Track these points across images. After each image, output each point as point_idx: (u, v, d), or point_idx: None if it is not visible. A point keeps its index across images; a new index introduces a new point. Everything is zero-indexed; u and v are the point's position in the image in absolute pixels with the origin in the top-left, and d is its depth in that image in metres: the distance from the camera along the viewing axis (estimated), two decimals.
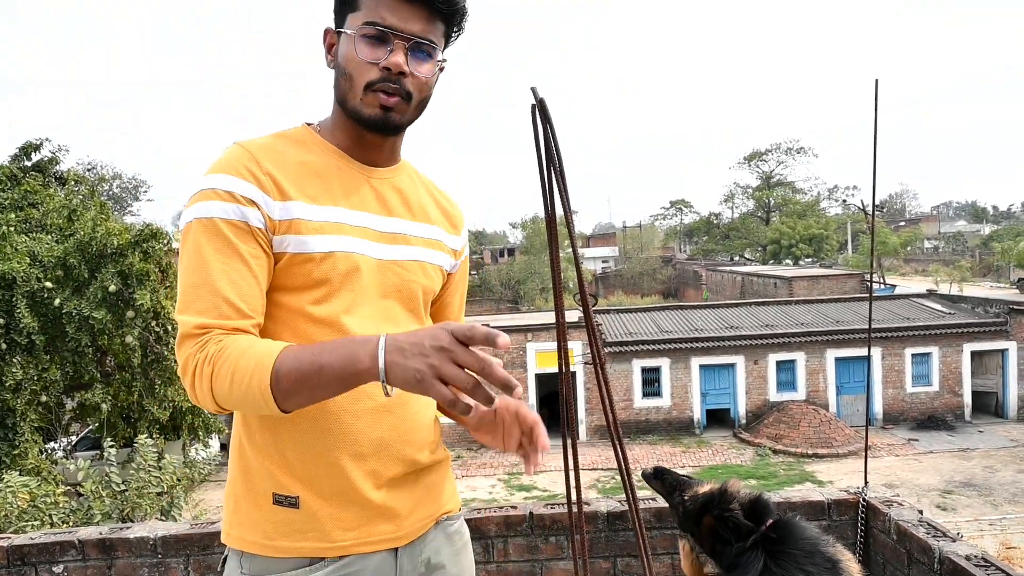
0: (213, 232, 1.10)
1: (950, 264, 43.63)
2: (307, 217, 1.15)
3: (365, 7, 1.15)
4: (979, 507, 14.21)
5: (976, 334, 19.80)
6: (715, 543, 1.81)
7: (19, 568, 2.54)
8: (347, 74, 1.17)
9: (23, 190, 10.90)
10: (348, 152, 1.25)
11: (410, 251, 1.27)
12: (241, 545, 1.19)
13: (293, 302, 1.16)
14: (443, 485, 1.35)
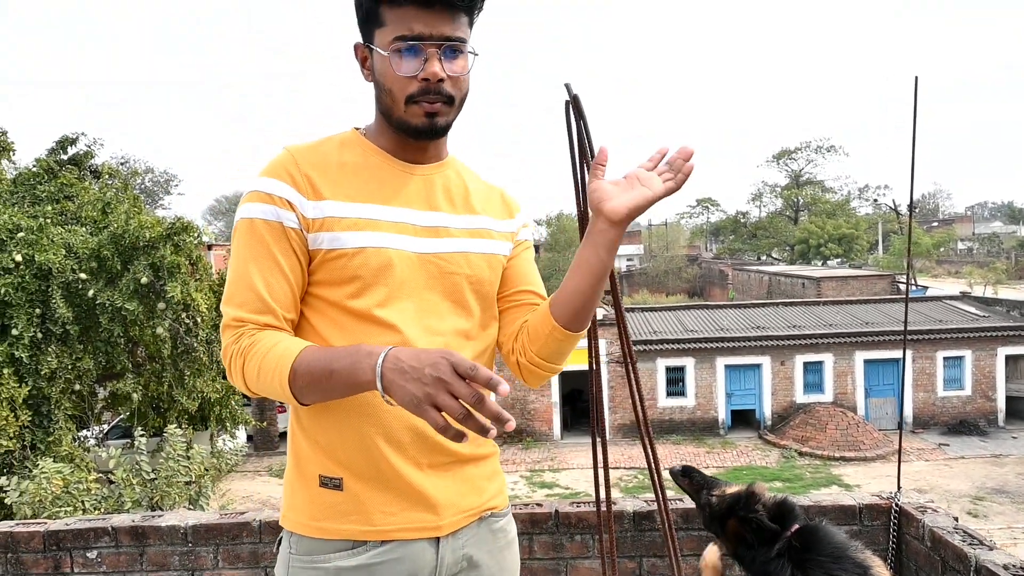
0: (251, 232, 1.20)
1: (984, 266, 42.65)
2: (340, 215, 1.21)
3: (391, 22, 1.18)
4: (1012, 514, 13.90)
5: (1011, 338, 19.34)
6: (739, 547, 1.79)
7: (55, 553, 2.60)
8: (387, 89, 1.21)
9: (59, 183, 11.12)
10: (391, 153, 1.29)
11: (453, 243, 1.29)
12: (291, 526, 1.26)
13: (331, 296, 1.22)
14: (488, 480, 1.35)
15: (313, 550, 1.23)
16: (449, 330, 1.27)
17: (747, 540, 1.76)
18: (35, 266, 9.21)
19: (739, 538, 1.78)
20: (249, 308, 1.18)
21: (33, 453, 8.95)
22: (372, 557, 1.21)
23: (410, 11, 1.16)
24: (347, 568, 1.21)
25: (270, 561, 2.56)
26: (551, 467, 17.39)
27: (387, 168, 1.28)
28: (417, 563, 1.24)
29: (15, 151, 11.98)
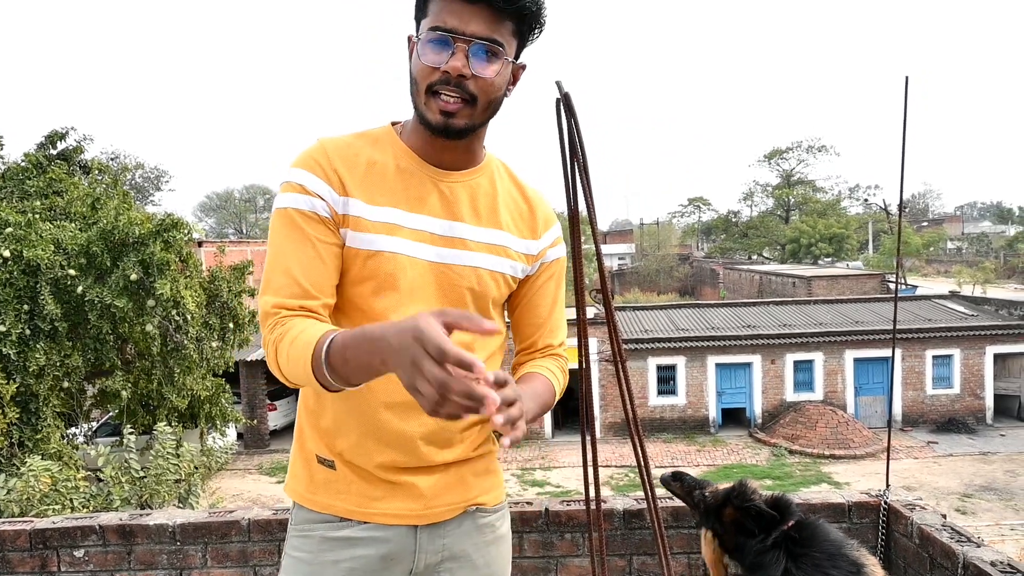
0: (287, 221, 1.22)
1: (974, 265, 42.97)
2: (362, 215, 1.24)
3: (432, 12, 1.18)
4: (999, 511, 14.02)
5: (999, 336, 19.49)
6: (737, 536, 1.79)
7: (41, 551, 2.58)
8: (413, 78, 1.22)
9: (48, 178, 11.04)
10: (421, 153, 1.29)
11: (466, 256, 1.29)
12: (291, 494, 1.36)
13: (350, 293, 1.26)
14: (477, 476, 1.38)
15: (308, 519, 1.33)
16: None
17: (744, 528, 1.75)
18: (23, 262, 9.14)
19: (737, 526, 1.77)
20: (284, 292, 1.19)
21: (21, 450, 8.89)
22: (353, 533, 1.30)
23: (451, 4, 1.16)
24: (330, 538, 1.30)
25: (259, 560, 2.55)
26: (542, 465, 17.41)
27: (415, 173, 1.28)
28: (395, 546, 1.30)
29: (3, 145, 11.88)
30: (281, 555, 1.39)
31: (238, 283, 11.51)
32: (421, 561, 1.32)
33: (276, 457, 18.45)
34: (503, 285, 1.35)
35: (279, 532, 2.54)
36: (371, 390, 1.23)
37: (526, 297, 1.42)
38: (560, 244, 1.46)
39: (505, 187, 1.37)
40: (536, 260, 1.40)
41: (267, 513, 2.59)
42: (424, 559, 1.32)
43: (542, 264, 1.42)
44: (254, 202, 64.59)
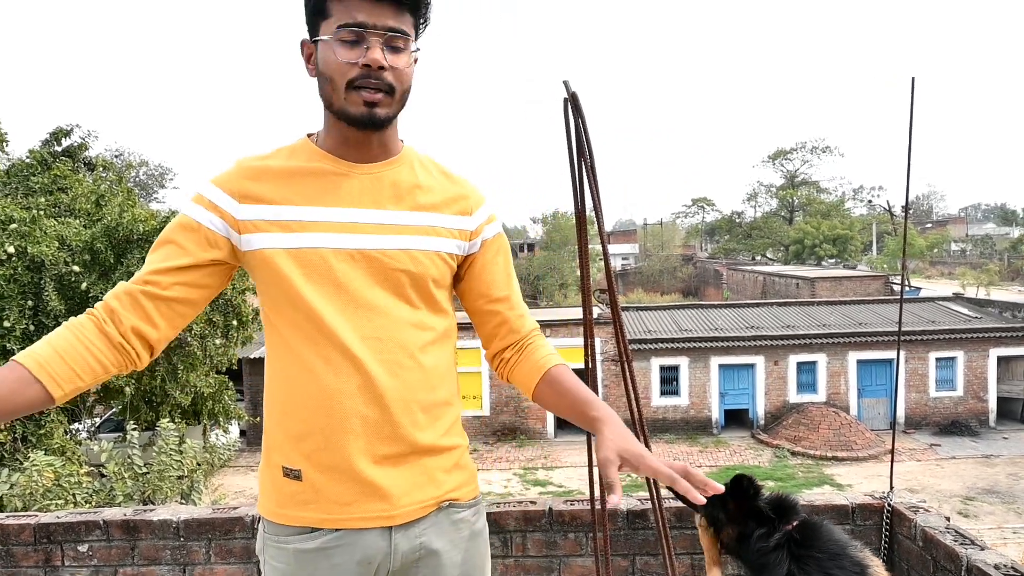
0: (174, 223, 1.30)
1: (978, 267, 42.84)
2: (274, 217, 1.27)
3: (336, 12, 1.22)
4: (1002, 514, 13.98)
5: (1003, 339, 19.43)
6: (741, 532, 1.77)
7: (45, 546, 2.58)
8: (329, 78, 1.24)
9: (53, 175, 11.06)
10: (338, 153, 1.32)
11: (396, 240, 1.32)
12: (262, 511, 1.37)
13: (277, 294, 1.29)
14: (448, 472, 1.38)
15: (279, 532, 1.34)
16: (396, 323, 1.31)
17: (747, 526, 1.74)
18: (28, 258, 9.15)
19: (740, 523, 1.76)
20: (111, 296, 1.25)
21: (24, 446, 8.91)
22: (327, 542, 1.30)
23: (354, 2, 1.21)
24: (304, 550, 1.31)
25: None
26: (544, 465, 17.41)
27: (331, 171, 1.31)
28: (369, 550, 1.31)
29: (8, 142, 11.89)
30: (262, 563, 1.40)
31: (241, 281, 11.52)
32: (397, 560, 1.33)
33: None
34: (440, 263, 1.36)
35: None
36: (328, 384, 1.27)
37: (479, 276, 1.43)
38: (496, 222, 1.47)
39: (427, 173, 1.40)
40: (475, 236, 1.42)
41: None
42: (400, 558, 1.33)
43: (483, 241, 1.43)
44: None
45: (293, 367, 1.30)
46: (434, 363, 1.36)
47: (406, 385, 1.31)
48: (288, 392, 1.31)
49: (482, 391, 19.40)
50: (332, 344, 1.27)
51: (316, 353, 1.28)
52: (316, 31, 1.25)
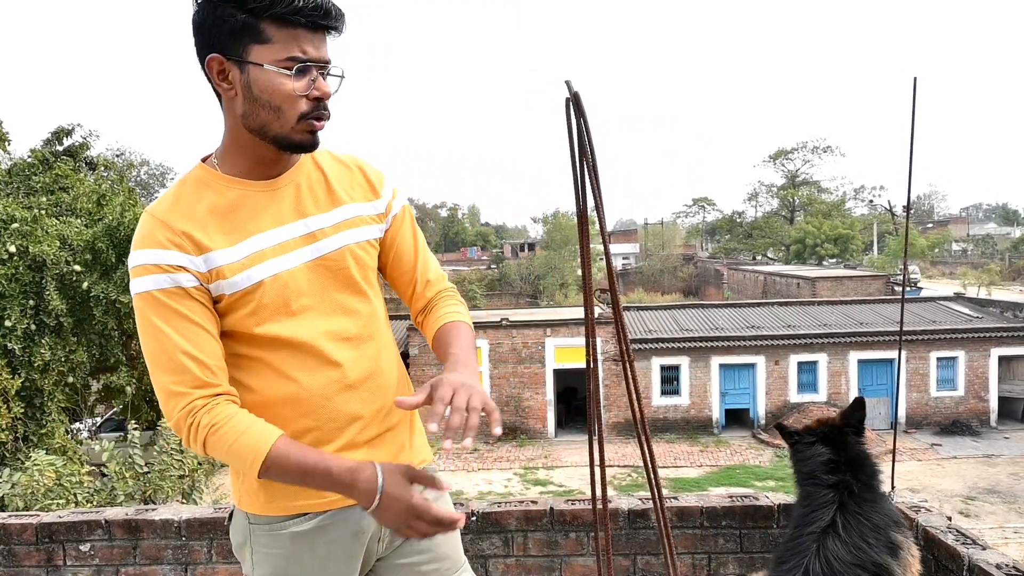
0: (156, 305, 1.24)
1: (979, 267, 42.83)
2: (227, 261, 1.27)
3: (279, 41, 1.21)
4: (1003, 514, 13.98)
5: (1004, 339, 19.43)
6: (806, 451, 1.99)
7: (47, 545, 2.59)
8: (274, 106, 1.24)
9: (54, 174, 11.08)
10: (248, 175, 1.33)
11: (331, 242, 1.36)
12: (248, 507, 1.39)
13: (251, 330, 1.31)
14: (414, 437, 1.49)
15: (271, 520, 1.37)
16: (357, 319, 1.38)
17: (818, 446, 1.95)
18: (29, 257, 9.16)
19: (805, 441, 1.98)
20: (189, 380, 1.23)
21: (26, 445, 8.92)
22: (321, 521, 1.36)
23: (300, 32, 1.22)
24: (300, 532, 1.36)
25: None
26: (545, 465, 17.41)
27: (250, 196, 1.32)
28: (361, 522, 1.38)
29: (10, 141, 11.91)
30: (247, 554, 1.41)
31: None
32: (386, 528, 1.40)
33: None
34: (372, 250, 1.44)
35: None
36: (307, 392, 1.32)
37: (391, 252, 1.50)
38: (400, 195, 1.52)
39: (328, 166, 1.43)
40: (387, 216, 1.48)
41: None
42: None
43: (393, 217, 1.49)
44: None
45: (270, 380, 1.33)
46: (386, 341, 1.46)
47: (380, 372, 1.41)
48: (269, 403, 1.33)
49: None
50: (310, 355, 1.32)
51: (295, 366, 1.32)
52: (242, 51, 1.21)
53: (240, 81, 1.24)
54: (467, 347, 1.41)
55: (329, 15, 1.24)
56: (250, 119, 1.26)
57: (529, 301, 40.85)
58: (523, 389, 19.38)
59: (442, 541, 1.48)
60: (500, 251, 60.47)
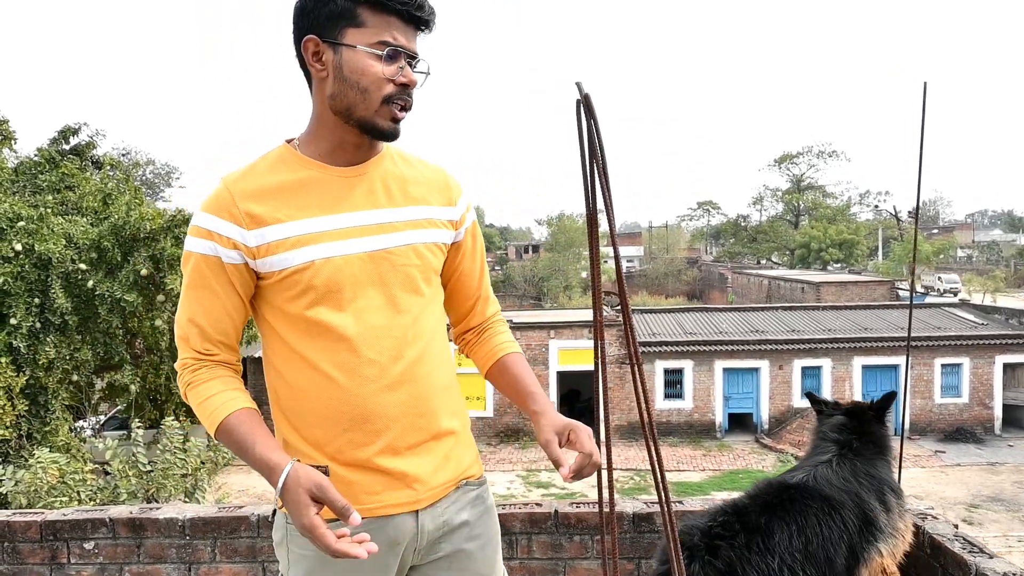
0: (194, 266, 1.31)
1: (984, 274, 42.69)
2: (283, 236, 1.29)
3: (373, 26, 1.26)
4: (1007, 522, 13.91)
5: (1009, 346, 19.35)
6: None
7: (51, 543, 2.59)
8: (362, 87, 1.27)
9: (61, 173, 11.11)
10: (327, 159, 1.35)
11: (398, 237, 1.36)
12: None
13: (291, 309, 1.32)
14: (463, 451, 1.47)
15: None
16: (409, 319, 1.37)
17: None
18: (35, 255, 9.19)
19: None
20: (192, 339, 1.32)
21: (29, 442, 8.94)
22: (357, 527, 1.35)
23: (394, 20, 1.26)
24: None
25: (268, 555, 2.55)
26: (548, 467, 17.38)
27: (323, 178, 1.33)
28: (398, 532, 1.37)
29: (17, 140, 11.96)
30: (284, 553, 1.41)
31: None
32: (424, 539, 1.40)
33: None
34: (439, 254, 1.43)
35: None
36: (345, 389, 1.32)
37: (458, 263, 1.50)
38: (472, 209, 1.54)
39: (411, 166, 1.44)
40: (460, 226, 1.48)
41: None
42: (426, 536, 1.40)
43: (465, 229, 1.50)
44: None
45: (307, 377, 1.33)
46: (440, 348, 1.44)
47: (424, 377, 1.38)
48: (305, 401, 1.34)
49: (485, 393, 19.40)
50: (351, 350, 1.31)
51: (331, 361, 1.31)
52: (338, 34, 1.26)
53: (332, 62, 1.28)
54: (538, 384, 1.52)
55: (423, 8, 1.28)
56: (338, 100, 1.29)
57: (533, 303, 40.85)
58: None
59: (480, 558, 1.47)
60: (504, 253, 60.51)
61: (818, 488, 2.01)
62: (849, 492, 2.00)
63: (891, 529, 2.03)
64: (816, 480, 2.03)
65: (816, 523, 1.94)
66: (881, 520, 2.00)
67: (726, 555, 1.85)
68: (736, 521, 1.94)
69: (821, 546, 1.92)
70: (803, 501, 1.98)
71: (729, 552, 1.86)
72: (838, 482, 2.01)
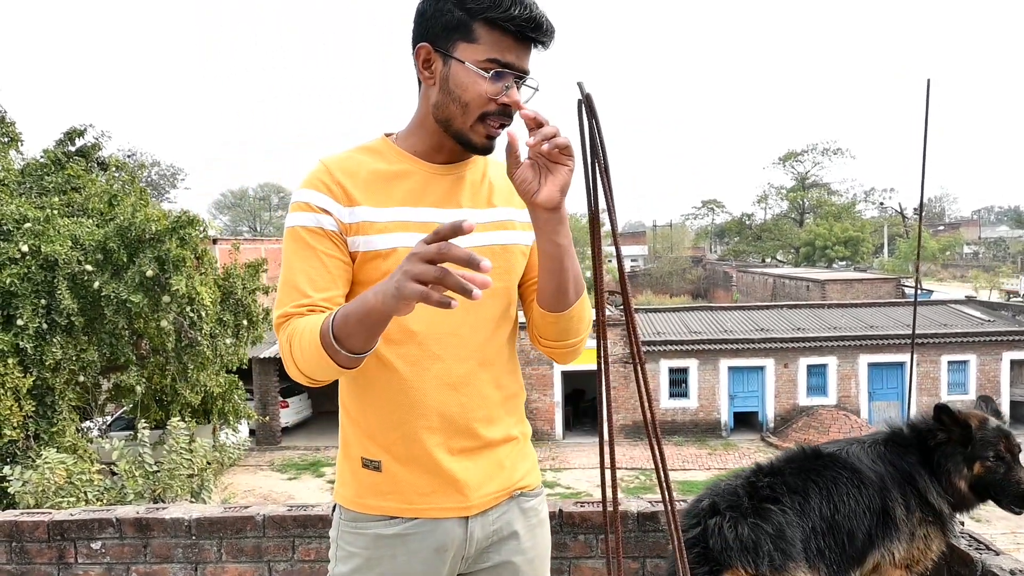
0: (295, 238, 1.32)
1: (990, 270, 42.51)
2: (372, 219, 1.31)
3: (485, 43, 1.25)
4: (1014, 519, 13.86)
5: (1016, 343, 19.27)
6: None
7: (59, 543, 2.61)
8: (462, 102, 1.28)
9: (67, 174, 11.15)
10: (422, 156, 1.37)
11: (477, 238, 1.35)
12: (340, 500, 1.42)
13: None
14: (519, 461, 1.45)
15: (357, 518, 1.39)
16: (478, 320, 1.36)
17: None
18: (41, 257, 9.23)
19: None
20: (291, 304, 1.27)
21: (36, 443, 8.98)
22: (405, 529, 1.36)
23: (507, 40, 1.25)
24: (383, 535, 1.36)
25: (273, 555, 2.56)
26: (552, 467, 17.38)
27: (415, 172, 1.36)
28: (446, 538, 1.36)
29: (23, 142, 12.01)
30: (333, 548, 1.43)
31: (252, 280, 11.58)
32: (472, 547, 1.39)
33: (287, 454, 18.54)
34: (521, 257, 1.43)
35: (293, 528, 2.56)
36: (405, 381, 1.32)
37: (533, 264, 1.45)
38: None
39: (495, 170, 1.46)
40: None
41: (282, 509, 2.60)
42: (475, 545, 1.39)
43: None
44: (268, 200, 65.00)
45: (372, 365, 1.33)
46: (508, 356, 1.44)
47: (488, 381, 1.38)
48: (367, 389, 1.35)
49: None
50: (415, 342, 1.32)
51: (397, 352, 1.32)
52: (450, 46, 1.27)
53: (440, 73, 1.29)
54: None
55: (539, 29, 1.26)
56: (440, 110, 1.31)
57: None
58: (531, 391, 19.35)
59: (527, 573, 1.46)
60: None
61: (849, 461, 2.04)
62: (876, 472, 2.03)
63: (909, 530, 2.00)
64: (848, 454, 2.07)
65: (845, 494, 1.96)
66: (899, 514, 1.99)
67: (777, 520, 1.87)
68: (781, 483, 1.97)
69: (847, 517, 1.95)
70: (835, 469, 2.01)
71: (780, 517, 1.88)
72: (867, 461, 2.05)
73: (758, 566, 1.79)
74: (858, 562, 1.98)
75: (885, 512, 1.99)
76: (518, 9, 1.23)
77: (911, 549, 2.02)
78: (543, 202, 1.21)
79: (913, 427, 2.20)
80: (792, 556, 1.83)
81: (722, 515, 1.86)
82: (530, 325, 1.45)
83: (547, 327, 1.38)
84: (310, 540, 2.55)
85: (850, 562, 1.96)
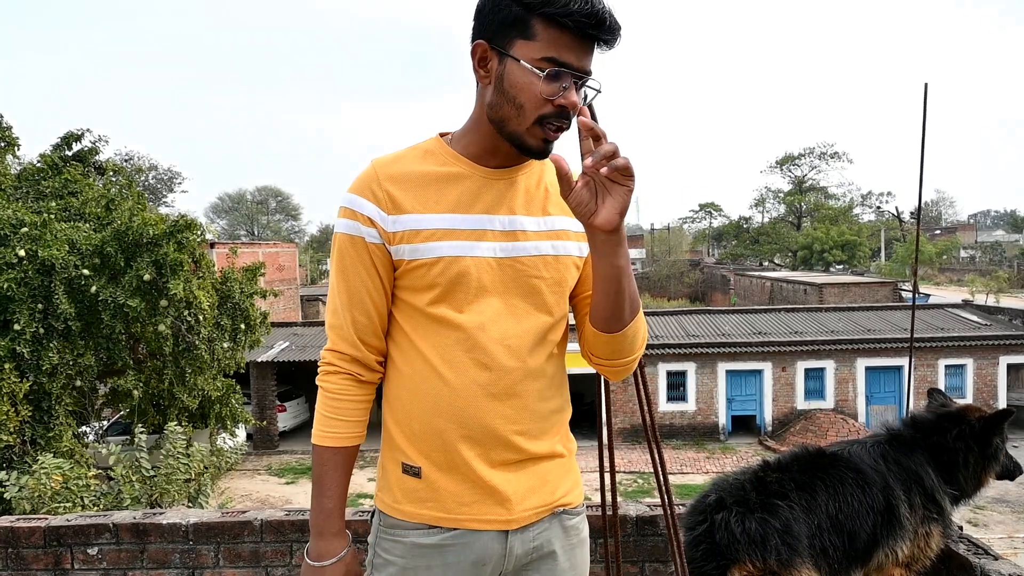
0: (340, 248, 1.33)
1: (987, 274, 42.60)
2: (418, 227, 1.28)
3: (543, 40, 1.18)
4: (1012, 524, 13.86)
5: (1013, 346, 19.30)
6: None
7: (55, 549, 2.59)
8: (518, 103, 1.22)
9: (64, 179, 11.12)
10: (476, 159, 1.32)
11: (531, 246, 1.32)
12: (380, 505, 1.40)
13: (414, 301, 1.32)
14: (562, 478, 1.40)
15: (395, 525, 1.36)
16: (527, 331, 1.33)
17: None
18: (38, 261, 9.21)
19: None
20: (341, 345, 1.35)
21: (33, 448, 8.95)
22: (444, 539, 1.32)
23: (566, 37, 1.18)
24: (421, 544, 1.33)
25: (271, 560, 2.55)
26: None
27: (468, 177, 1.31)
28: (485, 551, 1.32)
29: (20, 146, 11.99)
30: (370, 554, 1.41)
31: (250, 284, 11.56)
32: (511, 563, 1.35)
33: (285, 458, 18.49)
34: (573, 269, 1.38)
35: (291, 533, 2.55)
36: (449, 388, 1.30)
37: (587, 276, 1.40)
38: None
39: (552, 175, 1.39)
40: None
41: (279, 514, 2.59)
42: (514, 561, 1.35)
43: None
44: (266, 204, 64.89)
45: (418, 369, 1.32)
46: (555, 370, 1.39)
47: (534, 393, 1.34)
48: (411, 393, 1.33)
49: None
50: (462, 349, 1.30)
51: (443, 358, 1.30)
52: (506, 43, 1.21)
53: (496, 71, 1.24)
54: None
55: (601, 26, 1.18)
56: (494, 110, 1.25)
57: None
58: None
59: None
60: None
61: (852, 461, 2.07)
62: (879, 472, 2.05)
63: (912, 528, 2.03)
64: (850, 454, 2.10)
65: (849, 493, 1.98)
66: (903, 512, 2.00)
67: (784, 515, 1.89)
68: (789, 479, 1.99)
69: (849, 517, 1.96)
70: (839, 468, 2.03)
71: (787, 512, 1.89)
72: (869, 461, 2.08)
73: (765, 560, 1.79)
74: (861, 561, 1.98)
75: (890, 511, 2.00)
76: (579, 4, 1.15)
77: (913, 547, 2.03)
78: (601, 224, 1.17)
79: (918, 425, 2.21)
80: (798, 551, 1.83)
81: (729, 510, 1.85)
82: (582, 341, 1.40)
83: (600, 346, 1.33)
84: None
85: (852, 561, 1.96)
